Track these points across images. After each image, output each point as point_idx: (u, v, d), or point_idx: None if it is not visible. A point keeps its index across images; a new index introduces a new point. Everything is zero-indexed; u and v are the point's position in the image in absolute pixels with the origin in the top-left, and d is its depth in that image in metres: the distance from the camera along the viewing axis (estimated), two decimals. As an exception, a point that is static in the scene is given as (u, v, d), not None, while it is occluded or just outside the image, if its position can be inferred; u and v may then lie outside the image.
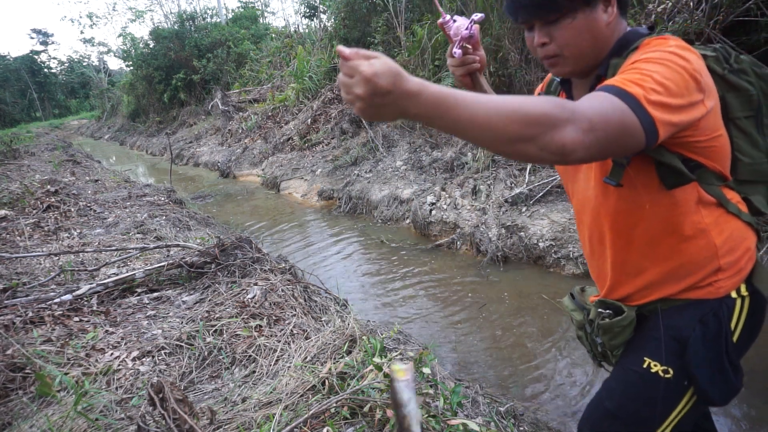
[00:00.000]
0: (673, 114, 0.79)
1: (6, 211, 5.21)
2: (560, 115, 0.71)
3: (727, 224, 0.99)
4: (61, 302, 2.94)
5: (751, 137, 1.01)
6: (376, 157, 7.10)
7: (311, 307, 3.02)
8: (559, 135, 0.71)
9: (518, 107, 0.70)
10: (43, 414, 2.00)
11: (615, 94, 0.77)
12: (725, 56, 0.99)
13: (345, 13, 9.51)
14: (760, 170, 1.03)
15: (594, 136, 0.73)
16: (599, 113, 0.74)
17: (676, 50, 0.84)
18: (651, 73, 0.80)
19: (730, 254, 0.99)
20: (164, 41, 17.48)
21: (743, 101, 0.99)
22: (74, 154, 12.41)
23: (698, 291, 1.00)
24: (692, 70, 0.82)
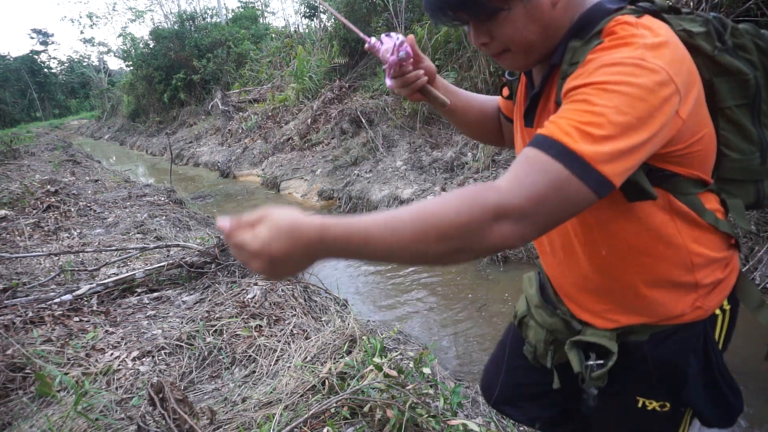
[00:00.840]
0: (634, 155, 0.65)
1: (6, 211, 5.21)
2: (481, 218, 0.60)
3: (704, 236, 0.85)
4: (61, 302, 2.94)
5: (742, 128, 0.84)
6: (376, 157, 7.10)
7: (311, 307, 3.03)
8: (489, 238, 0.61)
9: (433, 224, 0.60)
10: (43, 414, 2.01)
11: (555, 155, 0.62)
12: (719, 30, 0.81)
13: (345, 13, 9.51)
14: (750, 167, 0.86)
15: (530, 223, 0.62)
16: (531, 195, 0.62)
17: (641, 60, 0.66)
18: (605, 112, 0.63)
19: (706, 268, 0.86)
20: (164, 41, 17.48)
21: (736, 87, 0.81)
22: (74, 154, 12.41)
23: (684, 317, 0.87)
24: (662, 83, 0.66)
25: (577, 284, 0.95)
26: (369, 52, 1.03)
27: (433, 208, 0.62)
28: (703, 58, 0.79)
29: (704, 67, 0.79)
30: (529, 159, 0.64)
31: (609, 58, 0.68)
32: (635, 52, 0.67)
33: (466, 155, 5.79)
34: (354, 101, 8.59)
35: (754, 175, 0.88)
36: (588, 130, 0.63)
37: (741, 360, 2.60)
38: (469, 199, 0.61)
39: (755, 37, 0.83)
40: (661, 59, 0.67)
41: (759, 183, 0.89)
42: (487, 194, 0.61)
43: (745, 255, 3.27)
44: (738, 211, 0.88)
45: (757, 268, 3.17)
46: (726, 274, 0.89)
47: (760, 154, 0.86)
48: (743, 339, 2.74)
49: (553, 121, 0.66)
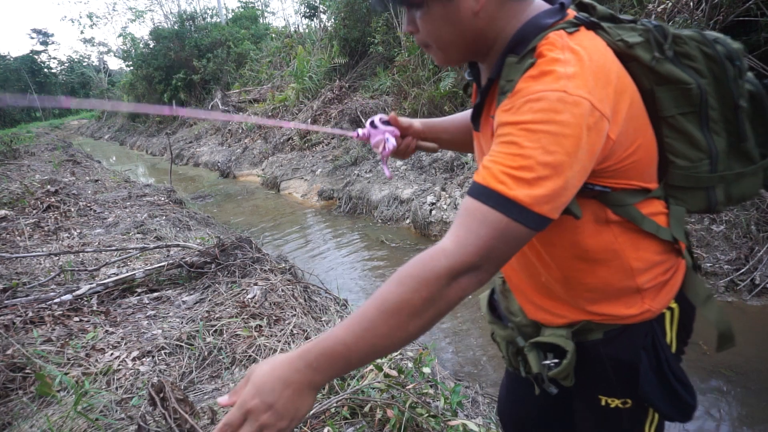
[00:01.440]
0: (569, 189, 0.68)
1: (6, 211, 5.21)
2: (439, 285, 0.65)
3: (643, 242, 0.85)
4: (61, 302, 2.94)
5: (688, 136, 0.82)
6: (376, 157, 7.10)
7: (311, 307, 3.02)
8: (452, 296, 0.66)
9: (400, 309, 0.65)
10: (43, 414, 2.00)
11: (494, 206, 0.65)
12: (658, 40, 0.79)
13: (345, 13, 9.52)
14: (698, 175, 0.85)
15: (484, 270, 0.67)
16: (478, 248, 0.65)
17: (563, 93, 0.66)
18: (534, 154, 0.65)
19: (647, 272, 0.86)
20: (164, 41, 17.48)
21: (678, 96, 0.80)
22: (74, 154, 12.41)
23: (632, 318, 0.88)
24: (587, 114, 0.66)
25: (528, 282, 0.97)
26: (368, 53, 1.12)
27: (393, 296, 0.66)
28: (643, 68, 0.79)
29: (644, 77, 0.79)
30: (469, 212, 0.67)
31: (534, 90, 0.68)
32: (557, 84, 0.67)
33: (466, 155, 5.79)
34: (354, 101, 8.59)
35: (702, 183, 0.86)
36: (520, 175, 0.65)
37: (743, 360, 2.60)
38: (421, 274, 0.65)
39: (701, 44, 0.81)
40: (583, 88, 0.67)
41: (710, 190, 0.87)
42: (437, 263, 0.65)
43: (745, 255, 3.27)
44: (677, 219, 0.87)
45: (757, 268, 3.17)
46: (670, 276, 0.89)
47: (710, 161, 0.84)
48: (744, 339, 2.75)
49: (487, 167, 0.68)
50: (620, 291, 0.86)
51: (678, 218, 0.87)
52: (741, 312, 3.02)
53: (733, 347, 0.95)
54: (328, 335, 0.67)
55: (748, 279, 3.16)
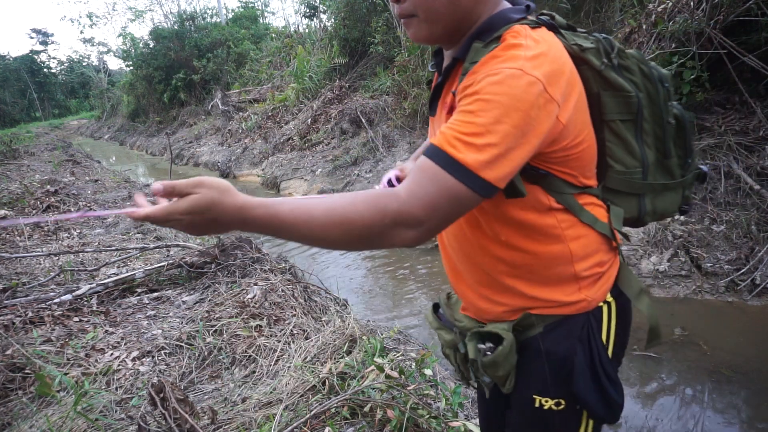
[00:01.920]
0: (514, 159, 0.72)
1: (6, 211, 5.21)
2: (381, 223, 0.70)
3: (582, 231, 0.90)
4: (60, 302, 2.93)
5: (626, 143, 0.90)
6: (376, 157, 7.10)
7: (311, 307, 3.02)
8: (388, 239, 0.71)
9: (339, 221, 0.71)
10: (43, 414, 2.00)
11: (443, 166, 0.70)
12: (606, 49, 0.87)
13: (345, 13, 9.51)
14: (632, 182, 0.93)
15: (426, 227, 0.71)
16: (425, 204, 0.70)
17: (520, 71, 0.71)
18: (485, 123, 0.70)
19: (585, 261, 0.90)
20: (164, 41, 17.47)
21: (620, 102, 0.88)
22: (74, 154, 12.40)
23: (569, 307, 0.90)
24: (538, 93, 0.71)
25: (471, 270, 0.99)
26: (368, 53, 1.16)
27: (341, 207, 0.71)
28: (592, 72, 0.86)
29: (593, 80, 0.87)
30: (422, 169, 0.72)
31: (493, 67, 0.73)
32: (516, 63, 0.72)
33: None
34: (354, 101, 8.59)
35: (635, 189, 0.94)
36: (470, 141, 0.70)
37: (744, 360, 2.60)
38: (373, 204, 0.70)
39: (640, 62, 0.90)
40: (538, 69, 0.72)
41: (641, 198, 0.96)
42: (388, 201, 0.70)
43: (746, 255, 3.27)
44: (617, 218, 0.93)
45: (757, 268, 3.17)
46: (606, 269, 0.93)
47: (642, 169, 0.92)
48: (745, 339, 2.75)
49: (443, 132, 0.73)
50: (559, 276, 0.90)
51: (618, 217, 0.93)
52: (741, 312, 3.02)
53: (660, 344, 0.95)
54: (272, 205, 0.72)
55: (748, 279, 3.15)
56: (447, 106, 0.88)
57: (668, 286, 3.34)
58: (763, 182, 3.57)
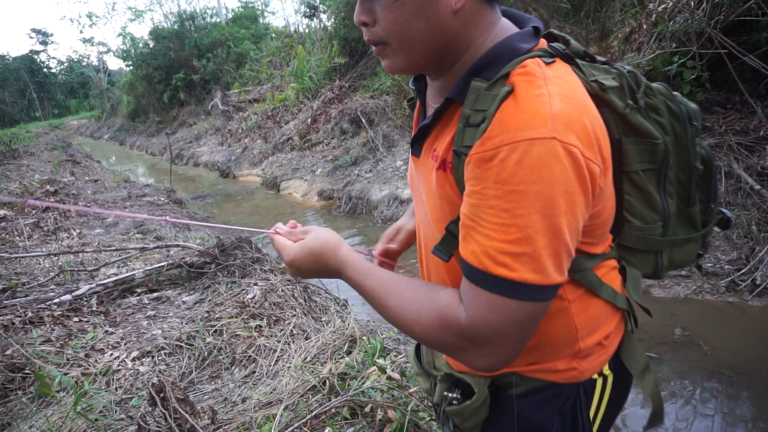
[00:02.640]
0: (572, 245, 0.62)
1: (5, 211, 5.20)
2: (456, 344, 0.65)
3: (590, 302, 0.77)
4: (60, 302, 2.93)
5: (647, 195, 0.76)
6: (376, 157, 7.09)
7: (311, 308, 3.02)
8: (469, 359, 0.65)
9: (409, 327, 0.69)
10: (43, 414, 2.00)
11: (501, 291, 0.59)
12: (632, 87, 0.73)
13: (345, 12, 9.51)
14: (651, 238, 0.79)
15: (501, 357, 0.64)
16: (489, 335, 0.62)
17: (556, 143, 0.57)
18: (529, 222, 0.57)
19: (591, 336, 0.77)
20: (164, 41, 17.48)
21: (644, 150, 0.74)
22: (74, 154, 12.40)
23: (558, 374, 0.78)
24: (580, 167, 0.59)
25: None
26: (369, 53, 1.09)
27: (409, 313, 0.69)
28: (614, 115, 0.72)
29: (614, 125, 0.72)
30: (475, 294, 0.62)
31: (516, 135, 0.58)
32: (544, 127, 0.57)
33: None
34: (354, 101, 8.59)
35: (654, 246, 0.81)
36: (519, 251, 0.58)
37: (744, 360, 2.59)
38: (437, 323, 0.66)
39: (667, 99, 0.77)
40: (572, 131, 0.59)
41: (658, 254, 0.83)
42: (451, 326, 0.65)
43: (746, 255, 3.26)
44: (635, 283, 0.82)
45: (758, 268, 3.17)
46: (605, 339, 0.80)
47: (663, 224, 0.79)
48: (745, 340, 2.75)
49: (479, 242, 0.61)
50: (557, 350, 0.77)
51: (635, 282, 0.82)
52: (742, 312, 3.01)
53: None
54: (361, 273, 0.75)
55: (749, 279, 3.15)
56: (439, 160, 0.72)
57: (668, 286, 3.34)
58: (764, 182, 3.57)
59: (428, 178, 0.76)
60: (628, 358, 0.82)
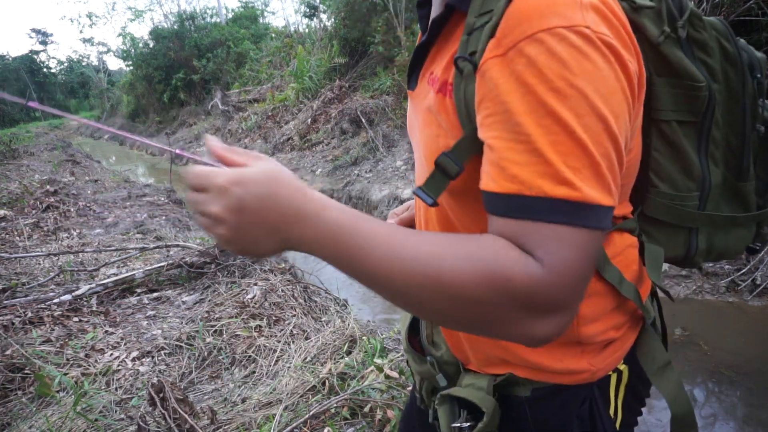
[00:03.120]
0: (620, 164, 0.49)
1: (5, 211, 5.20)
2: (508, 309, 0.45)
3: (597, 287, 0.63)
4: (60, 302, 2.93)
5: (681, 155, 0.62)
6: (376, 157, 7.09)
7: (311, 308, 3.02)
8: (526, 329, 0.46)
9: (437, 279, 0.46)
10: (43, 414, 2.00)
11: (569, 219, 0.45)
12: (672, 13, 0.59)
13: (345, 12, 9.51)
14: (682, 210, 0.64)
15: (570, 311, 0.48)
16: (574, 287, 0.46)
17: (589, 31, 0.46)
18: (579, 126, 0.45)
19: (595, 324, 0.64)
20: (164, 41, 17.48)
21: (681, 96, 0.59)
22: (74, 154, 12.40)
23: (565, 377, 0.66)
24: (616, 60, 0.47)
25: None
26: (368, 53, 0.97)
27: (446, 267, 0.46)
28: (645, 46, 0.58)
29: (645, 58, 0.57)
30: (545, 236, 0.45)
31: (544, 24, 0.46)
32: (573, 14, 0.46)
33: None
34: (354, 101, 8.58)
35: (687, 220, 0.65)
36: (577, 164, 0.45)
37: (744, 360, 2.59)
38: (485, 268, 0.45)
39: (722, 36, 0.62)
40: (608, 28, 0.48)
41: (693, 232, 0.67)
42: (513, 270, 0.45)
43: (746, 255, 3.26)
44: (654, 264, 0.65)
45: (758, 268, 3.17)
46: (622, 333, 0.68)
47: (700, 194, 0.64)
48: (745, 340, 2.75)
49: (521, 164, 0.46)
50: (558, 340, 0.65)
51: (655, 262, 0.65)
52: (742, 312, 3.01)
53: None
54: (362, 224, 0.48)
55: (749, 279, 3.15)
56: (438, 82, 0.59)
57: (669, 287, 3.34)
58: (764, 182, 3.57)
59: (424, 107, 0.63)
60: (644, 354, 0.69)
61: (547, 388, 0.68)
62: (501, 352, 0.68)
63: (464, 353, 0.74)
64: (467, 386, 0.71)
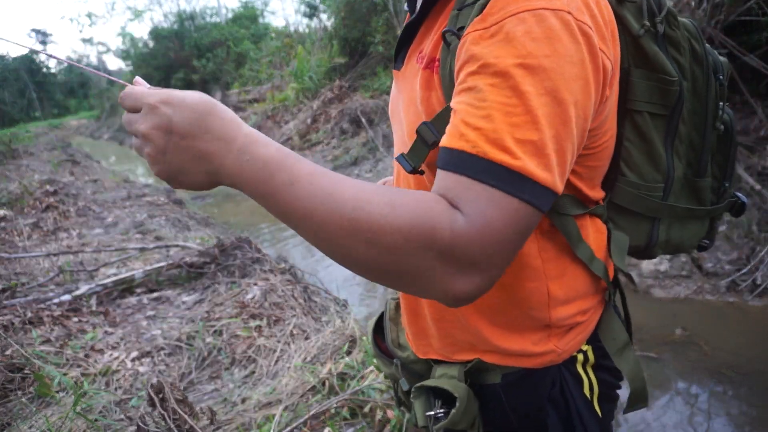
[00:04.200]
0: (576, 149, 0.51)
1: (5, 211, 5.20)
2: (432, 257, 0.45)
3: (569, 267, 0.66)
4: (60, 303, 2.93)
5: (650, 146, 0.65)
6: (376, 157, 7.10)
7: (311, 308, 3.02)
8: (445, 283, 0.46)
9: (370, 223, 0.45)
10: (42, 414, 1.99)
11: (504, 186, 0.45)
12: (652, 9, 0.62)
13: (345, 12, 9.51)
14: (648, 200, 0.68)
15: (488, 273, 0.47)
16: (485, 236, 0.45)
17: (569, 16, 0.49)
18: (537, 103, 0.47)
19: (565, 307, 0.66)
20: (164, 41, 17.51)
21: (654, 88, 0.63)
22: (73, 153, 12.40)
23: (533, 359, 0.68)
24: (597, 52, 0.51)
25: (418, 302, 0.76)
26: (368, 53, 0.96)
27: (372, 209, 0.46)
28: (625, 37, 0.61)
29: (624, 50, 0.62)
30: (477, 194, 0.46)
31: (527, 4, 0.49)
32: (559, 0, 0.49)
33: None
34: (354, 101, 8.59)
35: (651, 210, 0.69)
36: (524, 137, 0.46)
37: (745, 360, 2.59)
38: (420, 214, 0.45)
39: (692, 37, 0.65)
40: (589, 17, 0.51)
41: (655, 222, 0.71)
42: (440, 220, 0.45)
43: (746, 255, 3.26)
44: (619, 250, 0.69)
45: (758, 268, 3.17)
46: (587, 318, 0.70)
47: (664, 186, 0.68)
48: (746, 340, 2.74)
49: (475, 126, 0.47)
50: (526, 320, 0.67)
51: (620, 248, 0.69)
52: (742, 312, 3.01)
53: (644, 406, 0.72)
54: (293, 156, 0.49)
55: (749, 279, 3.15)
56: (426, 59, 0.61)
57: (669, 287, 3.34)
58: (764, 182, 3.57)
59: (411, 85, 0.64)
60: (605, 334, 0.71)
61: (516, 372, 0.70)
62: (468, 336, 0.70)
63: (428, 339, 0.75)
64: (440, 376, 0.73)
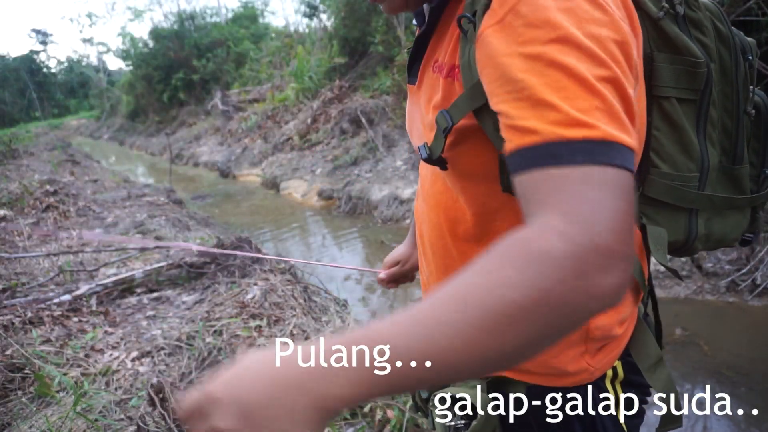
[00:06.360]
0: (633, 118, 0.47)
1: (5, 211, 5.20)
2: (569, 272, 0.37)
3: None
4: (60, 302, 2.93)
5: (681, 134, 0.61)
6: (376, 157, 7.09)
7: (311, 308, 3.02)
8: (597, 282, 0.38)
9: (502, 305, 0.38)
10: (42, 414, 1.99)
11: (593, 158, 0.41)
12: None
13: (345, 12, 9.52)
14: (683, 191, 0.63)
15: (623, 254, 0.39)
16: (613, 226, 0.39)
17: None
18: (589, 71, 0.43)
19: (605, 318, 0.63)
20: (164, 41, 17.50)
21: (680, 72, 0.59)
22: (73, 154, 12.40)
23: (562, 378, 0.65)
24: (624, 26, 0.48)
25: None
26: (368, 53, 1.00)
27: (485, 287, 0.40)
28: (645, 22, 0.58)
29: (645, 35, 0.58)
30: (569, 182, 0.41)
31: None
32: None
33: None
34: (354, 101, 8.59)
35: (687, 201, 0.64)
36: (589, 105, 0.42)
37: (745, 360, 2.59)
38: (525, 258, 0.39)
39: (715, 17, 0.63)
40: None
41: (692, 214, 0.65)
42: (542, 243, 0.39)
43: (746, 255, 3.26)
44: (658, 243, 0.63)
45: (758, 268, 3.17)
46: (623, 330, 0.67)
47: (699, 175, 0.63)
48: (746, 340, 2.74)
49: (535, 116, 0.43)
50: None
51: (659, 243, 0.63)
52: (742, 312, 3.01)
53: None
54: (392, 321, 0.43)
55: (749, 279, 3.15)
56: (445, 68, 0.58)
57: (669, 287, 3.34)
58: (764, 182, 3.57)
59: (428, 97, 0.62)
60: (637, 349, 0.68)
61: (539, 386, 0.67)
62: None
63: None
64: (461, 385, 0.69)
